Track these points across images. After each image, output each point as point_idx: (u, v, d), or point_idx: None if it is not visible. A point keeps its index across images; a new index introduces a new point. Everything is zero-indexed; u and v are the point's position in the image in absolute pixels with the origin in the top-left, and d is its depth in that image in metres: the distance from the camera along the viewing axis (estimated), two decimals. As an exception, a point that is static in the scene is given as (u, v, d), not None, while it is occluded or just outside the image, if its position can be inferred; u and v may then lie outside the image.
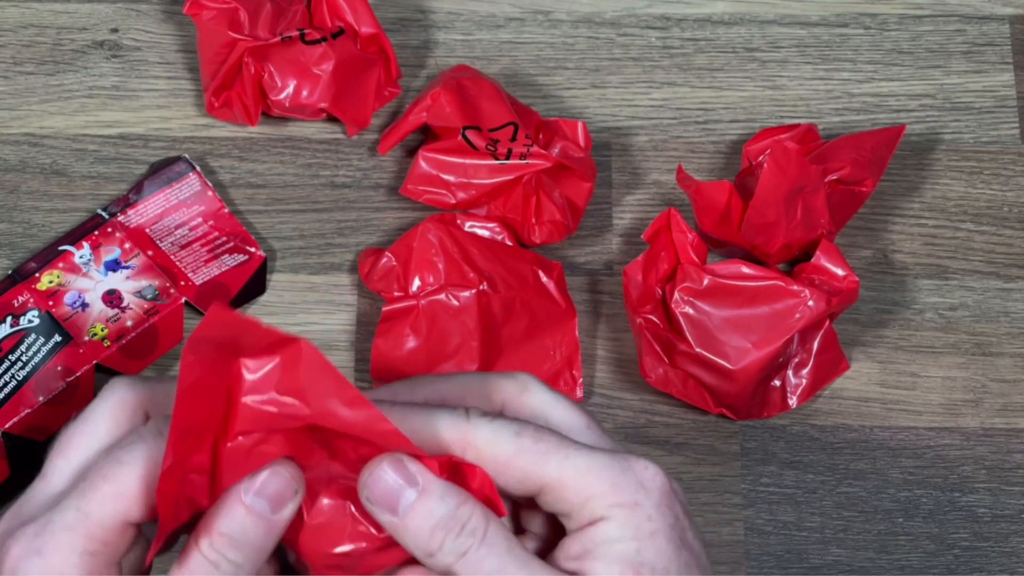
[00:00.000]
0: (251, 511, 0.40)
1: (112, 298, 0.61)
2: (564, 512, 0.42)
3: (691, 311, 0.59)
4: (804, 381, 0.60)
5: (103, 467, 0.40)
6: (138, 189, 0.63)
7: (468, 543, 0.39)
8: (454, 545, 0.39)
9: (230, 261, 0.63)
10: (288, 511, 0.40)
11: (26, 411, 0.58)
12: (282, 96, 0.63)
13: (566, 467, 0.41)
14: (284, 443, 0.41)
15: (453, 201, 0.62)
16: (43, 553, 0.40)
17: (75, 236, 0.62)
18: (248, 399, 0.39)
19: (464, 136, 0.62)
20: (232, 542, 0.40)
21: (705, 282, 0.59)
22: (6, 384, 0.58)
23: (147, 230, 0.63)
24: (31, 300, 0.60)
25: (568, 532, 0.41)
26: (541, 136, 0.64)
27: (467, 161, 0.62)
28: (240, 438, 0.40)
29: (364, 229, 0.64)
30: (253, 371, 0.39)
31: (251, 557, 0.40)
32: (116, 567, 0.41)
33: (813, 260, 0.60)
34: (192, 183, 0.63)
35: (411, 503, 0.39)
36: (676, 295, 0.59)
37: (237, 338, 0.40)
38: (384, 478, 0.40)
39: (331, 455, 0.41)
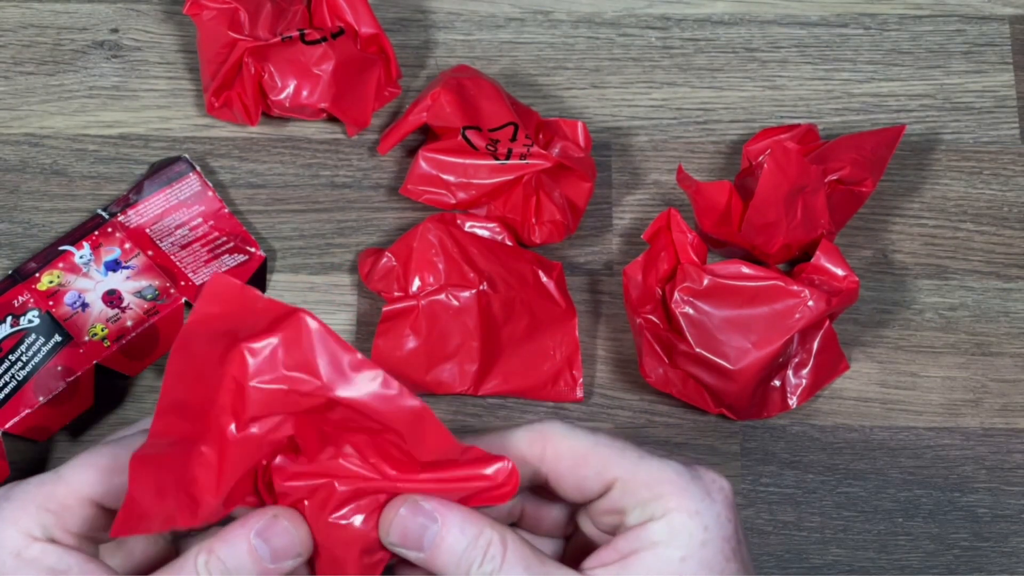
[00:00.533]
0: (252, 552, 0.42)
1: (112, 298, 0.61)
2: (628, 507, 0.43)
3: (691, 311, 0.59)
4: (804, 381, 0.60)
5: (98, 444, 0.43)
6: (138, 189, 0.63)
7: (490, 568, 0.41)
8: (479, 572, 0.42)
9: (230, 261, 0.63)
10: (285, 566, 0.42)
11: (26, 411, 0.58)
12: (282, 96, 0.63)
13: (641, 465, 0.43)
14: (294, 430, 0.42)
15: (453, 201, 0.62)
16: (10, 499, 0.42)
17: (75, 236, 0.62)
18: (255, 382, 0.40)
19: (464, 136, 0.62)
20: (224, 570, 0.41)
21: (705, 282, 0.59)
22: (6, 384, 0.59)
23: (147, 230, 0.63)
24: (31, 300, 0.60)
25: (622, 530, 0.43)
26: (541, 136, 0.64)
27: (467, 161, 0.62)
28: (253, 428, 0.41)
29: (364, 229, 0.64)
30: (256, 353, 0.40)
31: None
32: (72, 537, 0.43)
33: (813, 260, 0.60)
34: (192, 183, 0.63)
35: (434, 539, 0.42)
36: (676, 295, 0.59)
37: (236, 321, 0.40)
38: (404, 521, 0.42)
39: (340, 452, 0.42)
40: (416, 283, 0.60)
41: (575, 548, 0.47)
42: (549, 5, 0.69)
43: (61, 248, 0.62)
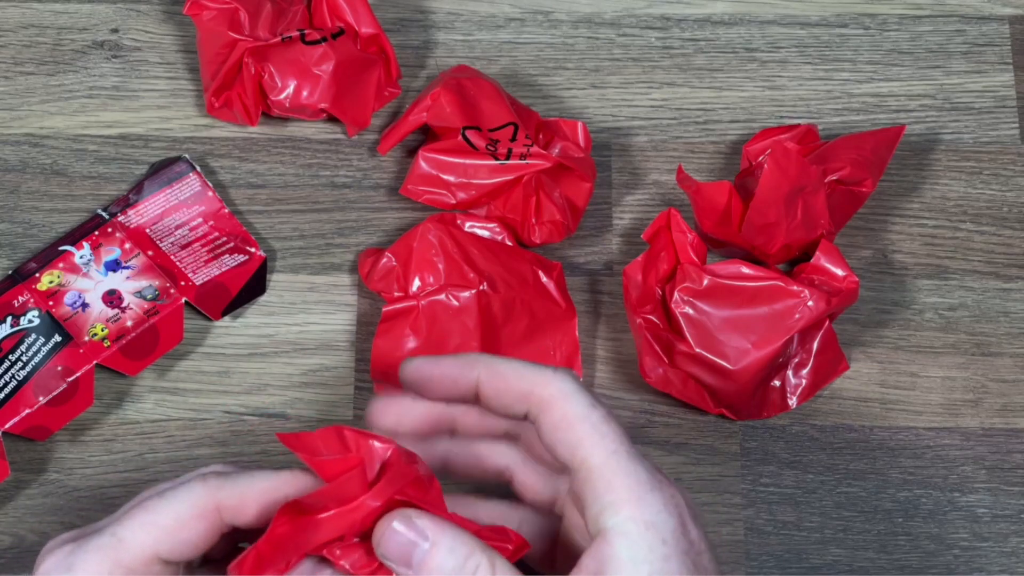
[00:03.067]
0: None
1: (112, 298, 0.61)
2: (587, 497, 0.43)
3: (691, 311, 0.59)
4: (804, 381, 0.60)
5: (147, 500, 0.42)
6: (138, 189, 0.63)
7: None
8: None
9: (230, 261, 0.63)
10: None
11: (26, 411, 0.58)
12: (282, 96, 0.63)
13: (611, 461, 0.43)
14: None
15: (453, 201, 0.62)
16: (73, 569, 0.41)
17: (75, 236, 0.62)
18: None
19: (464, 136, 0.62)
20: None
21: (705, 282, 0.59)
22: (6, 384, 0.59)
23: (147, 230, 0.63)
24: (31, 300, 0.60)
25: (584, 518, 0.43)
26: (541, 136, 0.64)
27: (467, 161, 0.62)
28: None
29: (364, 229, 0.64)
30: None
31: None
32: None
33: (813, 260, 0.60)
34: (192, 183, 0.63)
35: (423, 557, 0.41)
36: (676, 295, 0.59)
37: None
38: (396, 536, 0.42)
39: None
40: (416, 283, 0.60)
41: (563, 556, 0.47)
42: (549, 5, 0.69)
43: (61, 248, 0.62)
